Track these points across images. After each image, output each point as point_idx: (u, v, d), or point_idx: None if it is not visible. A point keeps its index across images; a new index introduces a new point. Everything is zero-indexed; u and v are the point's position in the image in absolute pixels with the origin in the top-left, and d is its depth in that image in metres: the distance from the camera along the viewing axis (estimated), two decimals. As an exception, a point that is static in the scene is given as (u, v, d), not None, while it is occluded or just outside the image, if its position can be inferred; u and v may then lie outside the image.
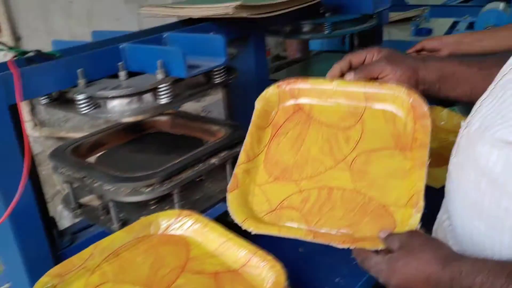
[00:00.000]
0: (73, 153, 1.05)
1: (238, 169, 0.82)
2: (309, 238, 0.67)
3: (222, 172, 1.16)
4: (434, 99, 0.92)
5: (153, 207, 0.99)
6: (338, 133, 0.80)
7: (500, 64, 0.82)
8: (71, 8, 2.21)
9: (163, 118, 1.24)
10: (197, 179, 1.12)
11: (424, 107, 0.74)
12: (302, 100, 0.88)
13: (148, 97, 0.89)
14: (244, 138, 1.10)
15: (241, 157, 0.84)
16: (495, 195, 0.62)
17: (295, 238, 0.69)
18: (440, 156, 1.38)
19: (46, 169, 1.65)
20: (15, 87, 0.77)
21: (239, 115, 1.30)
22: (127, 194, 0.90)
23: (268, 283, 0.71)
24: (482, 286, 0.58)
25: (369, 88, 0.81)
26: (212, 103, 2.32)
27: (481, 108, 0.68)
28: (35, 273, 0.74)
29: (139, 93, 0.87)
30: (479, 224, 0.65)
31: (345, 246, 0.63)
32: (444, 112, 1.60)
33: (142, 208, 0.99)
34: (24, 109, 0.78)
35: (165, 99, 0.89)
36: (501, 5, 2.61)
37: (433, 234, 0.83)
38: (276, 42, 3.86)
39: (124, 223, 0.95)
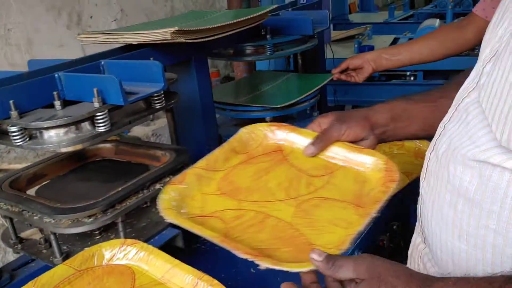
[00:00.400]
0: (11, 186, 1.01)
1: (192, 170, 0.82)
2: (216, 241, 0.65)
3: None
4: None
5: (97, 237, 0.97)
6: (303, 177, 0.82)
7: (444, 93, 0.87)
8: (9, 35, 2.15)
9: (107, 145, 1.22)
10: (143, 205, 1.11)
11: (396, 174, 0.76)
12: (285, 144, 0.91)
13: (85, 125, 0.88)
14: (188, 163, 1.10)
15: (201, 162, 0.84)
16: (474, 213, 0.62)
17: (204, 237, 0.67)
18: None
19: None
20: None
21: (185, 139, 1.30)
22: (68, 225, 0.88)
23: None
24: None
25: (350, 151, 0.84)
26: (162, 126, 2.31)
27: (446, 131, 0.70)
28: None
29: (76, 122, 0.86)
30: (459, 244, 0.65)
31: (248, 257, 0.61)
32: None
33: (86, 239, 0.97)
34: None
35: (103, 127, 0.88)
36: (437, 22, 2.75)
37: (409, 258, 0.83)
38: (225, 63, 3.90)
39: (67, 256, 0.92)
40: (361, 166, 0.82)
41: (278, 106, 1.44)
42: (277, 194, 0.78)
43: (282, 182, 0.81)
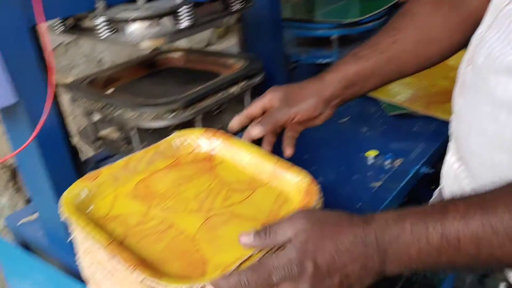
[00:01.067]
0: (90, 86, 1.04)
1: (108, 168, 0.79)
2: (102, 245, 0.62)
3: (239, 104, 1.16)
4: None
5: (174, 136, 0.99)
6: (224, 190, 0.78)
7: (396, 36, 0.91)
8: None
9: (177, 54, 1.23)
10: (215, 112, 1.12)
11: (314, 199, 0.69)
12: (218, 153, 0.87)
13: (168, 20, 0.88)
14: (262, 70, 1.10)
15: (120, 161, 0.81)
16: None
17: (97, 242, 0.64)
18: (450, 93, 1.39)
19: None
20: (34, 8, 0.75)
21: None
22: (149, 120, 0.90)
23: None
24: (413, 228, 0.55)
25: (278, 168, 0.78)
26: (226, 48, 2.29)
27: (484, 42, 0.67)
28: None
29: (160, 16, 0.86)
30: (500, 156, 0.63)
31: (127, 265, 0.58)
32: (455, 50, 1.59)
33: (163, 137, 0.99)
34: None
35: (186, 22, 0.87)
36: None
37: (442, 178, 0.82)
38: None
39: (146, 152, 0.95)
40: (286, 186, 0.76)
41: (345, 22, 1.39)
42: (191, 205, 0.74)
43: (201, 192, 0.77)
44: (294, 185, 0.75)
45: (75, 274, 0.92)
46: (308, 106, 0.89)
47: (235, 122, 0.92)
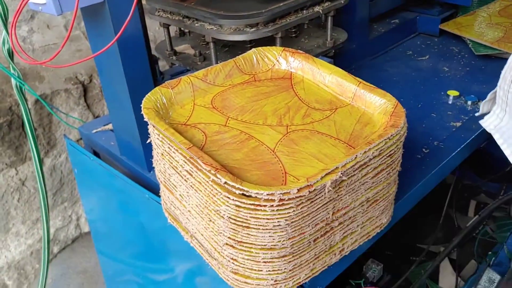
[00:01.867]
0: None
1: (188, 78, 0.77)
2: (184, 146, 0.61)
3: (316, 30, 1.11)
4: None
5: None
6: (303, 108, 0.75)
7: None
8: None
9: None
10: (293, 35, 1.08)
11: (400, 120, 0.66)
12: (297, 72, 0.83)
13: None
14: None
15: (200, 72, 0.79)
16: None
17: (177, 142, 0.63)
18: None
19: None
20: None
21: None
22: (230, 33, 0.87)
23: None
24: None
25: (361, 89, 0.75)
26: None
27: None
28: (140, 109, 0.72)
29: None
30: None
31: (208, 168, 0.57)
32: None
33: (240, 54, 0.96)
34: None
35: None
36: None
37: (500, 80, 0.78)
38: None
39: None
40: (369, 107, 0.73)
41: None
42: (269, 119, 0.72)
43: (279, 108, 0.75)
44: (379, 107, 0.72)
45: (144, 184, 0.95)
46: None
47: None
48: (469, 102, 1.09)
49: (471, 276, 1.47)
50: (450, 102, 1.11)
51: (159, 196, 0.79)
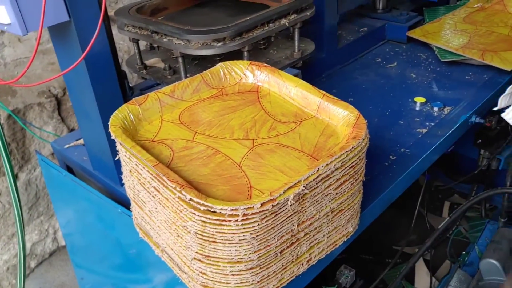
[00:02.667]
0: (137, 13, 1.02)
1: (155, 94, 0.78)
2: (150, 164, 0.62)
3: (285, 41, 1.13)
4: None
5: (220, 68, 0.98)
6: (269, 121, 0.77)
7: None
8: None
9: (225, -15, 1.19)
10: (261, 47, 1.09)
11: (362, 132, 0.68)
12: (264, 85, 0.85)
13: None
14: (312, 5, 1.06)
15: (166, 88, 0.80)
16: None
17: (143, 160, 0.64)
18: (508, 41, 1.32)
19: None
20: None
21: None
22: (198, 47, 0.89)
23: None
24: None
25: (325, 102, 0.76)
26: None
27: None
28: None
29: None
30: None
31: (174, 185, 0.58)
32: (518, -2, 1.50)
33: (209, 68, 0.97)
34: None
35: None
36: None
37: None
38: None
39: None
40: (333, 119, 0.75)
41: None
42: (236, 133, 0.74)
43: (246, 122, 0.76)
44: (342, 119, 0.74)
45: (115, 198, 0.95)
46: None
47: None
48: (435, 109, 1.12)
49: (444, 276, 1.51)
50: (417, 108, 1.14)
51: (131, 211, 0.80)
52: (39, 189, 1.66)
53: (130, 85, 1.02)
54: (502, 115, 0.79)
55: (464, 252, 1.57)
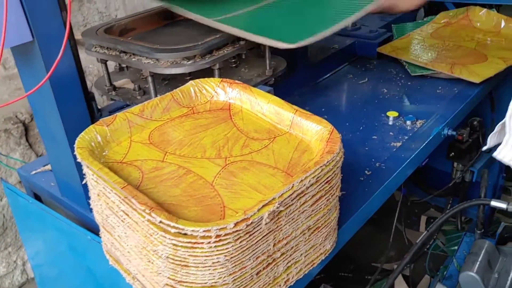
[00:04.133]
0: (106, 33, 1.00)
1: (123, 114, 0.76)
2: (118, 186, 0.60)
3: (256, 59, 1.12)
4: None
5: (190, 87, 0.96)
6: (242, 138, 0.75)
7: None
8: None
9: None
10: (233, 65, 1.09)
11: (336, 146, 0.67)
12: (236, 102, 0.84)
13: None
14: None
15: (135, 108, 0.78)
16: None
17: (109, 182, 0.62)
18: (478, 54, 1.35)
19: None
20: None
21: None
22: (167, 66, 0.87)
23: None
24: None
25: (298, 117, 0.76)
26: None
27: None
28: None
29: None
30: None
31: (143, 207, 0.56)
32: (483, 13, 1.54)
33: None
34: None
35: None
36: None
37: (507, 125, 0.76)
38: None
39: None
40: (306, 134, 0.74)
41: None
42: (208, 152, 0.72)
43: (218, 140, 0.75)
44: (315, 134, 0.72)
45: (85, 225, 0.91)
46: None
47: None
48: (408, 122, 1.12)
49: (424, 291, 1.50)
50: (390, 123, 1.14)
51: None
52: (6, 219, 1.60)
53: (99, 107, 0.99)
54: (494, 154, 0.78)
55: (442, 266, 1.57)
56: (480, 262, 1.06)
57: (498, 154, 0.76)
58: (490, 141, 0.83)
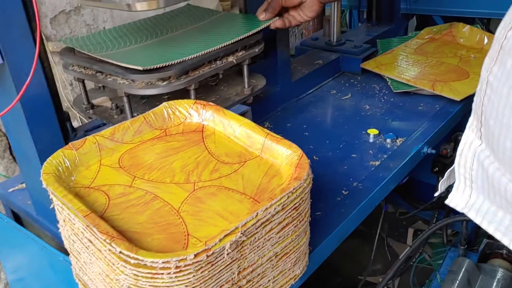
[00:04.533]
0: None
1: (93, 137, 0.76)
2: (81, 214, 0.59)
3: (236, 77, 1.12)
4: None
5: (167, 106, 0.96)
6: (213, 162, 0.75)
7: None
8: None
9: (175, 22, 1.18)
10: (212, 83, 1.08)
11: (304, 172, 0.66)
12: (209, 124, 0.83)
13: (163, -17, 0.84)
14: (261, 41, 1.06)
15: (106, 131, 0.77)
16: None
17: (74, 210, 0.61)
18: (461, 71, 1.35)
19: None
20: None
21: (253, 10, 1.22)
22: (142, 87, 0.87)
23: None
24: None
25: (269, 141, 0.75)
26: None
27: None
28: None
29: (154, -22, 0.82)
30: None
31: (104, 237, 0.55)
32: (466, 29, 1.54)
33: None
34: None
35: (181, -15, 0.83)
36: None
37: (458, 158, 0.76)
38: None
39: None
40: (277, 158, 0.73)
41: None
42: (177, 176, 0.71)
43: (188, 164, 0.74)
44: (286, 158, 0.72)
45: (61, 244, 0.90)
46: None
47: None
48: (388, 140, 1.12)
49: (409, 306, 1.50)
50: (370, 140, 1.14)
51: (73, 260, 0.76)
52: (-11, 233, 1.59)
53: (75, 126, 0.98)
54: (446, 202, 0.77)
55: (427, 280, 1.57)
56: (459, 281, 1.05)
57: (450, 202, 0.75)
58: (441, 187, 0.83)
